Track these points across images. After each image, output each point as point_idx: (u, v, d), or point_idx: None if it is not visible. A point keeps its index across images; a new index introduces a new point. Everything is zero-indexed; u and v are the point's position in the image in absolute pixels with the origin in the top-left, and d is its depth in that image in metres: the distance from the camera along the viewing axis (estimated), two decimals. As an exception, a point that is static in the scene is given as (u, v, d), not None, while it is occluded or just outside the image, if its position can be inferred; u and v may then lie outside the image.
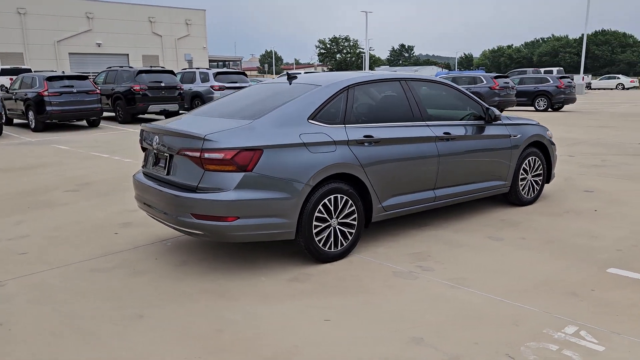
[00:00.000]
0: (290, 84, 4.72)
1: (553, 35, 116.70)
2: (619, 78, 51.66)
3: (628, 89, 49.02)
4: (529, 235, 4.77)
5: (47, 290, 3.79)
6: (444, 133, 4.86)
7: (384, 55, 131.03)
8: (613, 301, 3.41)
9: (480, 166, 5.20)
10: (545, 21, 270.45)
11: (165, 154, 4.15)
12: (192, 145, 3.82)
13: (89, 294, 3.70)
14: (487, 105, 5.41)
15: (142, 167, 4.64)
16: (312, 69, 73.13)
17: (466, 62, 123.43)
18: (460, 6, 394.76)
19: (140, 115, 17.30)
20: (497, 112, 5.27)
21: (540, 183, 5.94)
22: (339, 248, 4.20)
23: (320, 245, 4.08)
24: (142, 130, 4.61)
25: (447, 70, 78.07)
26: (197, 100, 18.52)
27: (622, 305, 3.35)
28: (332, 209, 4.11)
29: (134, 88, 16.17)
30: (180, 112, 18.06)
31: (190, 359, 2.83)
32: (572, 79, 24.58)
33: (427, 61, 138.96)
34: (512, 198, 5.70)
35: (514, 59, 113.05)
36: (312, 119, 4.12)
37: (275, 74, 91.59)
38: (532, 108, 22.11)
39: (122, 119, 16.71)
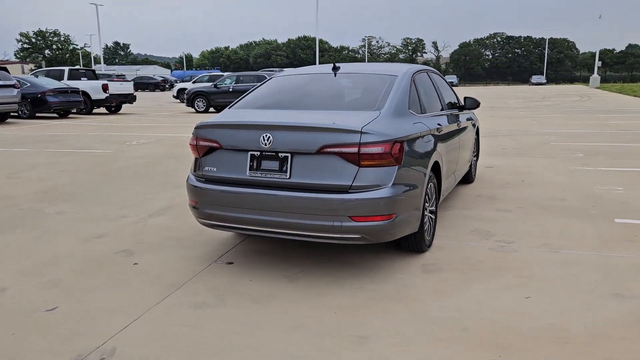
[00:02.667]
0: (335, 75, 4.47)
1: (264, 39, 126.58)
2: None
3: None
4: (522, 205, 5.60)
5: (195, 343, 2.89)
6: (457, 120, 5.31)
7: (99, 52, 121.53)
8: (657, 241, 4.42)
9: (468, 149, 5.82)
10: (256, 25, 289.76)
11: (280, 154, 3.53)
12: (343, 140, 3.38)
13: (256, 331, 2.98)
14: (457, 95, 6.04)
15: (207, 172, 3.79)
16: (24, 67, 63.19)
17: (187, 62, 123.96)
18: (173, 6, 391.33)
19: None
20: (478, 100, 5.92)
21: (475, 162, 6.90)
22: (429, 236, 4.27)
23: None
24: (208, 129, 3.77)
25: (183, 71, 77.26)
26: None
27: (666, 243, 4.38)
28: (429, 197, 4.15)
29: None
30: None
31: (489, 357, 2.67)
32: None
33: (146, 60, 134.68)
34: (468, 176, 6.50)
35: (233, 60, 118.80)
36: (409, 109, 4.07)
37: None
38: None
39: None
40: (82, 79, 20.24)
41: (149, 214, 5.41)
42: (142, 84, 48.21)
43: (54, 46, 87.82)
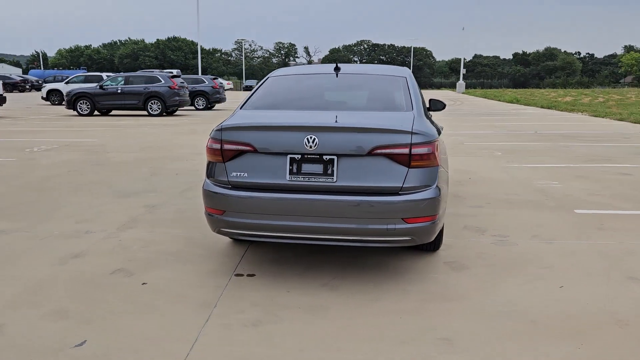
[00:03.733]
0: (337, 75, 4.36)
1: (130, 38, 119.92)
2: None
3: (226, 90, 56.02)
4: (488, 200, 5.93)
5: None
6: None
7: None
8: (625, 224, 4.92)
9: None
10: (120, 24, 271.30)
11: (325, 157, 3.35)
12: (396, 141, 3.31)
13: (340, 345, 2.80)
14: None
15: (235, 178, 3.47)
16: None
17: (42, 61, 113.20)
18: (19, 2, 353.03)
19: None
20: (444, 102, 6.10)
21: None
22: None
23: None
24: (238, 131, 3.46)
25: (42, 70, 70.08)
26: None
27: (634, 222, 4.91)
28: None
29: None
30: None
31: (573, 346, 2.78)
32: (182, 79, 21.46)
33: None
34: None
35: (95, 60, 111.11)
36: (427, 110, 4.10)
37: None
38: (145, 112, 19.28)
39: None
40: (-63, 77, 17.52)
41: (117, 228, 4.83)
42: (-4, 85, 42.83)
43: None
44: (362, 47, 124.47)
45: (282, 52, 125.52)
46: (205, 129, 14.38)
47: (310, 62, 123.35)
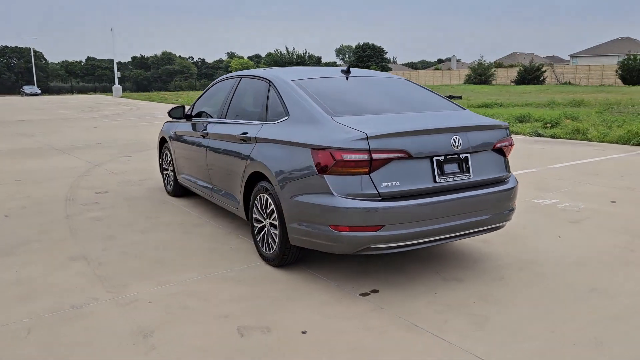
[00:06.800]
0: (347, 78, 4.35)
1: None
2: None
3: None
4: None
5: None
6: None
7: None
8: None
9: None
10: None
11: (461, 155, 3.50)
12: (505, 135, 3.81)
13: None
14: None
15: (386, 188, 3.24)
16: None
17: None
18: None
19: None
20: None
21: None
22: None
23: None
24: (391, 138, 3.24)
25: None
26: None
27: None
28: None
29: None
30: None
31: (644, 270, 3.92)
32: None
33: None
34: None
35: None
36: None
37: None
38: None
39: None
40: None
41: (105, 291, 3.53)
42: None
43: None
44: None
45: None
46: None
47: None
